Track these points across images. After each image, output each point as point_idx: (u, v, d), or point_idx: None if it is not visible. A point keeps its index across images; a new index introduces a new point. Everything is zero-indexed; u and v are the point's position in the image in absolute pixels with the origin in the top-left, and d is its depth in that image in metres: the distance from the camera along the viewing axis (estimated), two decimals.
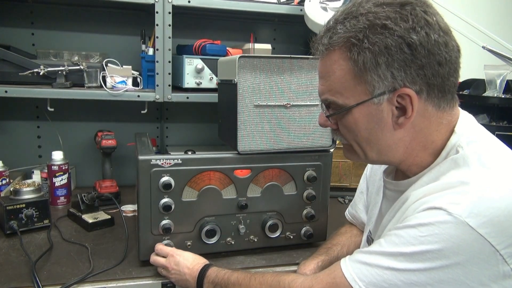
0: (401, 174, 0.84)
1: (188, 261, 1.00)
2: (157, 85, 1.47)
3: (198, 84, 1.51)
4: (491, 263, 0.62)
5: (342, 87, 0.73)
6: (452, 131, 0.74)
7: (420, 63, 0.68)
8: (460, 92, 1.79)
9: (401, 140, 0.74)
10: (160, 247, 1.05)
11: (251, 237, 1.17)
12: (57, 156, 1.51)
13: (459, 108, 0.78)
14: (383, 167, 0.93)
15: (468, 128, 0.75)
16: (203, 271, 0.96)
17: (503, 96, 1.70)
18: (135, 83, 1.56)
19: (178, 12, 1.51)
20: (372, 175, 1.03)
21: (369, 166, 1.07)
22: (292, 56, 1.11)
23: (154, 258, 1.05)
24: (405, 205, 0.74)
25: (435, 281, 0.64)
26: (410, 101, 0.70)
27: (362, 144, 0.77)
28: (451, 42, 0.70)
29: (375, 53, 0.68)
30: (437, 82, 0.70)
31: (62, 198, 1.52)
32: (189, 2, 1.45)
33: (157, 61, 1.45)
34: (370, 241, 0.93)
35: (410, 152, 0.76)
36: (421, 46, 0.67)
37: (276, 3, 1.60)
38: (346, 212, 1.18)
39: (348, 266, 0.72)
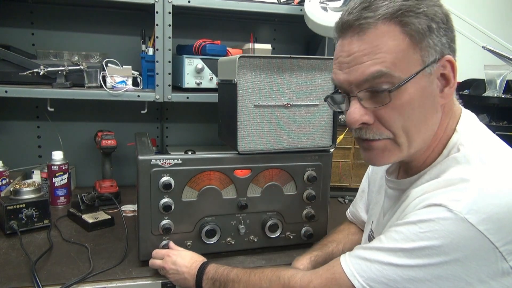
0: (403, 172, 0.84)
1: (185, 260, 0.99)
2: (157, 85, 1.47)
3: (198, 84, 1.51)
4: (490, 260, 0.62)
5: (397, 58, 0.68)
6: (454, 130, 0.75)
7: (451, 36, 0.71)
8: (460, 92, 1.79)
9: (436, 124, 0.74)
10: (156, 251, 1.06)
11: (251, 237, 1.17)
12: (57, 156, 1.51)
13: (461, 107, 0.79)
14: (385, 165, 0.93)
15: (470, 127, 0.75)
16: (202, 268, 0.96)
17: (503, 96, 1.70)
18: (135, 83, 1.56)
19: (178, 12, 1.51)
20: (373, 174, 1.03)
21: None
22: (292, 56, 1.11)
23: (151, 261, 1.05)
24: (405, 202, 0.74)
25: (433, 277, 0.64)
26: (451, 68, 0.71)
27: (411, 130, 0.71)
28: None
29: (428, 19, 0.69)
30: (454, 58, 0.72)
31: (62, 198, 1.52)
32: (189, 2, 1.45)
33: (157, 61, 1.45)
34: (371, 239, 0.93)
35: (430, 143, 0.75)
36: (449, 18, 0.71)
37: (276, 3, 1.60)
38: (347, 211, 1.18)
39: (348, 262, 0.73)
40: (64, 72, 1.45)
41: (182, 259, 0.99)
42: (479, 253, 0.62)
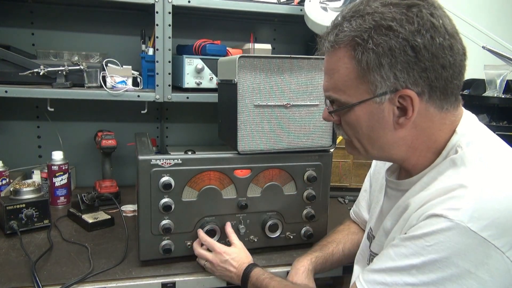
0: (404, 173, 0.84)
1: (234, 261, 1.03)
2: (157, 85, 1.47)
3: (198, 84, 1.51)
4: (501, 269, 0.62)
5: (345, 85, 0.74)
6: (454, 131, 0.74)
7: (424, 66, 0.68)
8: (460, 92, 1.79)
9: (403, 139, 0.75)
10: (205, 237, 1.08)
11: (251, 237, 1.17)
12: (57, 156, 1.51)
13: (463, 108, 0.78)
14: (387, 165, 0.93)
15: (469, 129, 0.75)
16: (247, 272, 1.00)
17: (503, 96, 1.70)
18: (135, 83, 1.56)
19: (178, 12, 1.51)
20: (376, 173, 1.03)
21: (373, 164, 1.07)
22: (292, 56, 1.11)
23: (200, 252, 1.08)
24: (407, 213, 0.74)
25: None
26: (411, 102, 0.70)
27: (362, 141, 0.78)
28: (456, 45, 0.70)
29: (379, 54, 0.68)
30: (440, 85, 0.70)
31: (62, 198, 1.52)
32: (189, 2, 1.45)
33: (157, 61, 1.45)
34: (371, 238, 0.94)
35: (413, 151, 0.76)
36: (425, 49, 0.67)
37: (276, 3, 1.60)
38: (351, 211, 1.19)
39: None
40: (64, 72, 1.45)
41: (231, 260, 1.04)
42: (489, 262, 0.62)
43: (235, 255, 1.05)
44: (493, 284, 0.62)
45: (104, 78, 1.48)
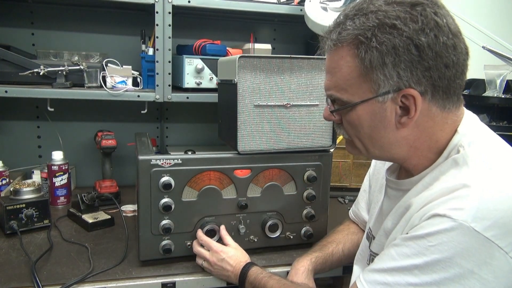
0: (404, 173, 0.84)
1: (231, 259, 1.03)
2: (157, 85, 1.47)
3: (198, 84, 1.51)
4: (504, 270, 0.62)
5: (348, 84, 0.73)
6: (455, 131, 0.74)
7: (427, 65, 0.68)
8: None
9: (405, 139, 0.74)
10: (202, 237, 1.08)
11: (251, 237, 1.17)
12: (57, 156, 1.51)
13: (464, 108, 0.78)
14: (387, 165, 0.93)
15: (471, 129, 0.75)
16: (245, 270, 1.00)
17: (503, 96, 1.70)
18: (135, 83, 1.56)
19: (178, 12, 1.51)
20: (375, 173, 1.02)
21: (372, 164, 1.07)
22: (292, 56, 1.11)
23: (198, 250, 1.08)
24: (409, 213, 0.74)
25: None
26: (413, 102, 0.70)
27: (364, 140, 0.78)
28: (459, 45, 0.70)
29: (383, 52, 0.68)
30: (443, 84, 0.70)
31: (62, 198, 1.52)
32: (189, 2, 1.45)
33: (157, 61, 1.45)
34: (370, 238, 0.94)
35: (414, 150, 0.76)
36: (429, 48, 0.67)
37: (276, 3, 1.60)
38: (350, 211, 1.18)
39: None
40: (64, 72, 1.45)
41: (228, 258, 1.03)
42: (492, 263, 0.62)
43: (232, 253, 1.05)
44: (497, 284, 0.62)
45: (104, 78, 1.48)
